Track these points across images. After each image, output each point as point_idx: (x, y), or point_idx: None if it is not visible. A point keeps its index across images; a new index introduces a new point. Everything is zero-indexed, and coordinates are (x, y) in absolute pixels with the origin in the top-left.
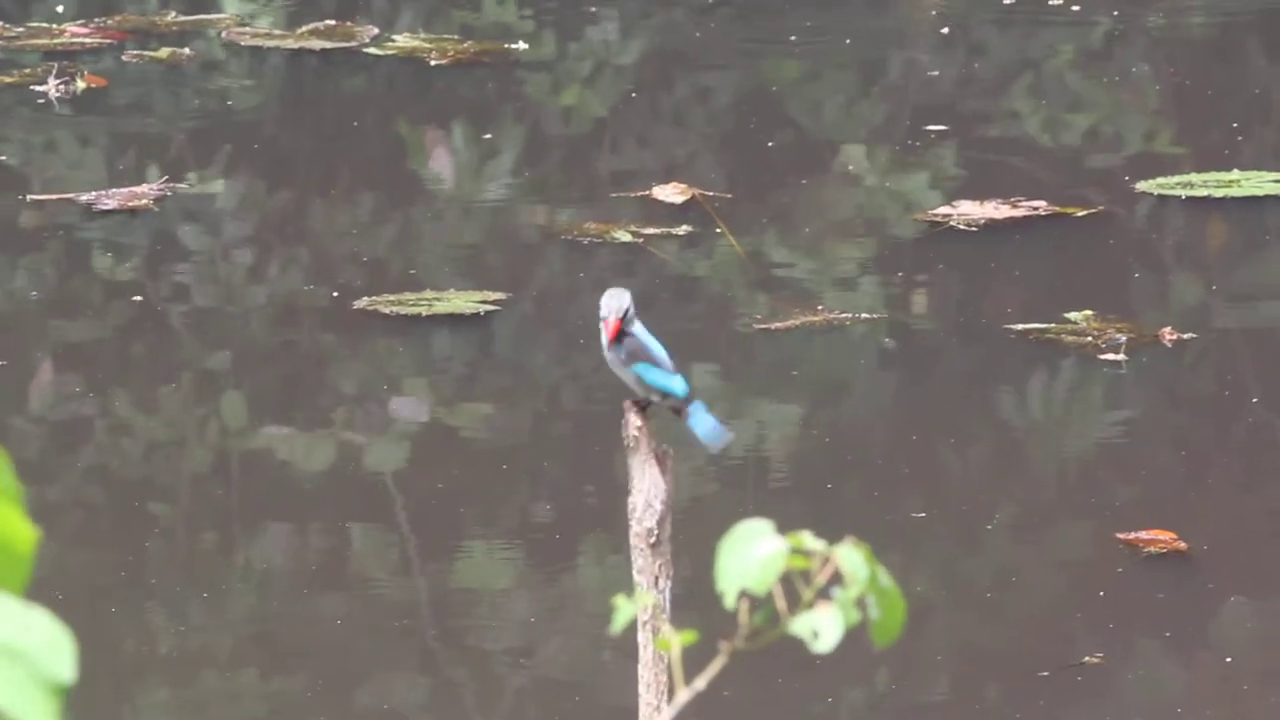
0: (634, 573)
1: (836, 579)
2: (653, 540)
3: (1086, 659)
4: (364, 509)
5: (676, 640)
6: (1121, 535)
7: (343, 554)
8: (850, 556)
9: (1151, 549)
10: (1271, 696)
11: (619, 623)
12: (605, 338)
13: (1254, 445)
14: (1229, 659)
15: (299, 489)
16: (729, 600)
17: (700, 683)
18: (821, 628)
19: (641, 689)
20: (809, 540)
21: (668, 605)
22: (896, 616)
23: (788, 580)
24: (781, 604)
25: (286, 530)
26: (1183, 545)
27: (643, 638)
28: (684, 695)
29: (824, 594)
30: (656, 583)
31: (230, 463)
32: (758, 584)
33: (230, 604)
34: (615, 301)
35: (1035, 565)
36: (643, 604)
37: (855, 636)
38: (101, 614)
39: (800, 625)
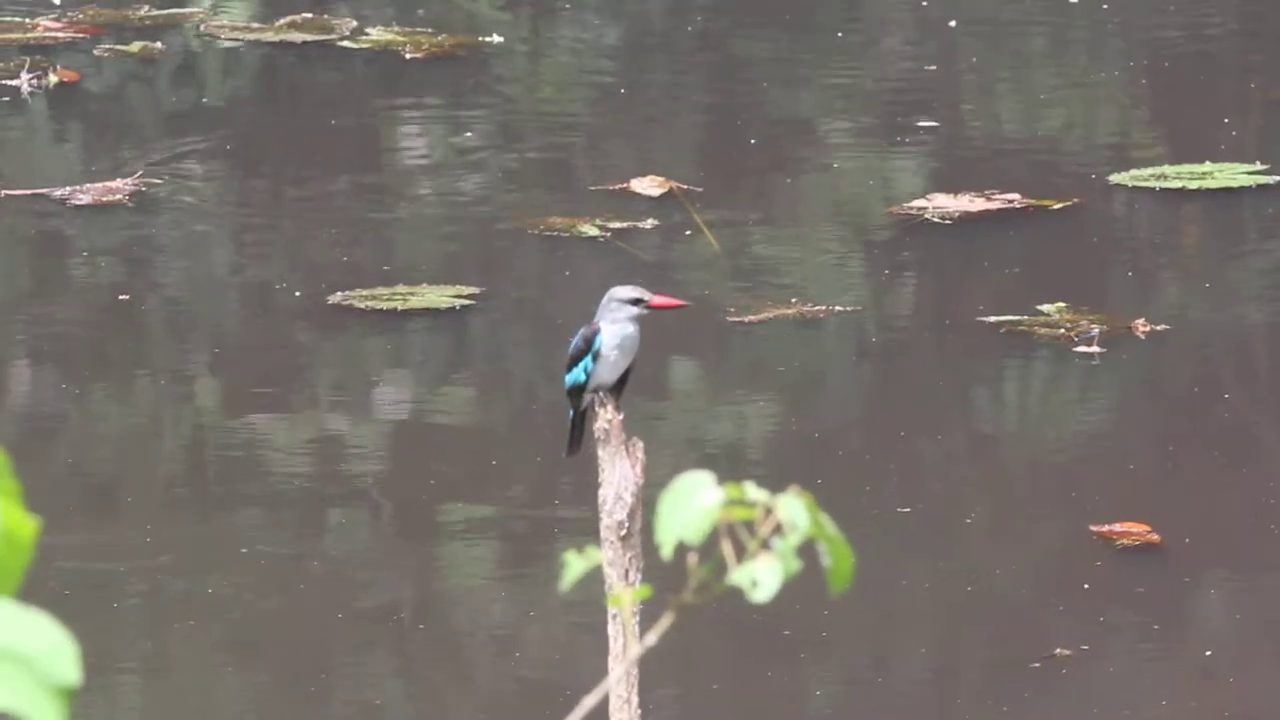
0: (604, 565)
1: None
2: (623, 533)
3: (1058, 651)
4: (343, 502)
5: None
6: (1095, 528)
7: (321, 545)
8: (790, 505)
9: (1125, 541)
10: (1251, 688)
11: (568, 579)
12: (657, 305)
13: (1226, 436)
14: (1208, 651)
15: (278, 483)
16: (665, 551)
17: (651, 638)
18: (761, 577)
19: (612, 681)
20: (751, 491)
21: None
22: (846, 563)
23: (740, 534)
24: (731, 557)
25: (265, 521)
26: (1156, 538)
27: (613, 630)
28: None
29: (769, 545)
30: (627, 575)
31: (207, 457)
32: (694, 534)
33: (209, 595)
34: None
35: (1012, 559)
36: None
37: (838, 630)
38: (84, 605)
39: (740, 575)
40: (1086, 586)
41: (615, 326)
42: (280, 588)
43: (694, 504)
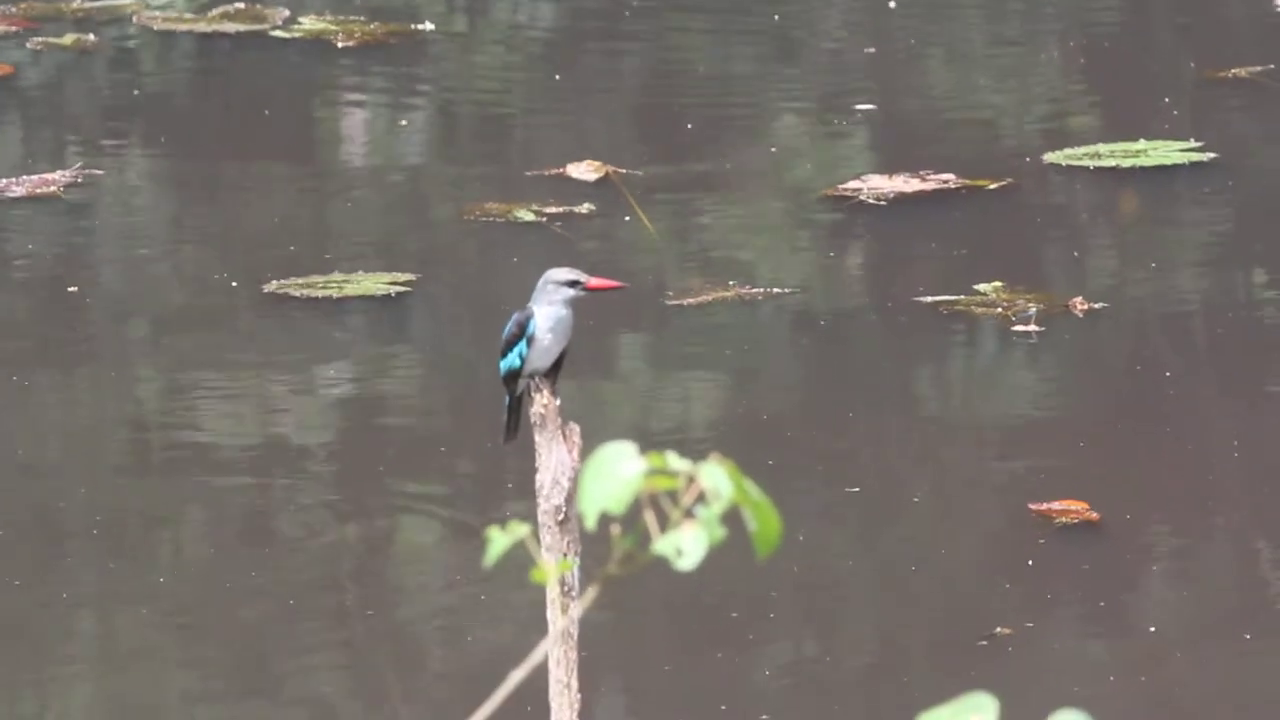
0: (542, 550)
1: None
2: (560, 517)
3: (998, 630)
4: (287, 490)
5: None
6: (1034, 506)
7: (263, 530)
8: (712, 473)
9: (1064, 520)
10: (1197, 663)
11: (492, 555)
12: (594, 288)
13: (1163, 414)
14: (1152, 628)
15: (219, 467)
16: (589, 522)
17: (576, 611)
18: (685, 546)
19: (551, 665)
20: (673, 460)
21: (577, 581)
22: (771, 527)
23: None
24: (654, 527)
25: (207, 506)
26: (1094, 516)
27: (551, 614)
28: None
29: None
30: (565, 559)
31: (149, 448)
32: (616, 504)
33: (158, 582)
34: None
35: (955, 538)
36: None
37: (786, 611)
38: (18, 581)
39: (665, 545)
40: (1031, 563)
41: (549, 309)
42: (226, 574)
43: (617, 474)
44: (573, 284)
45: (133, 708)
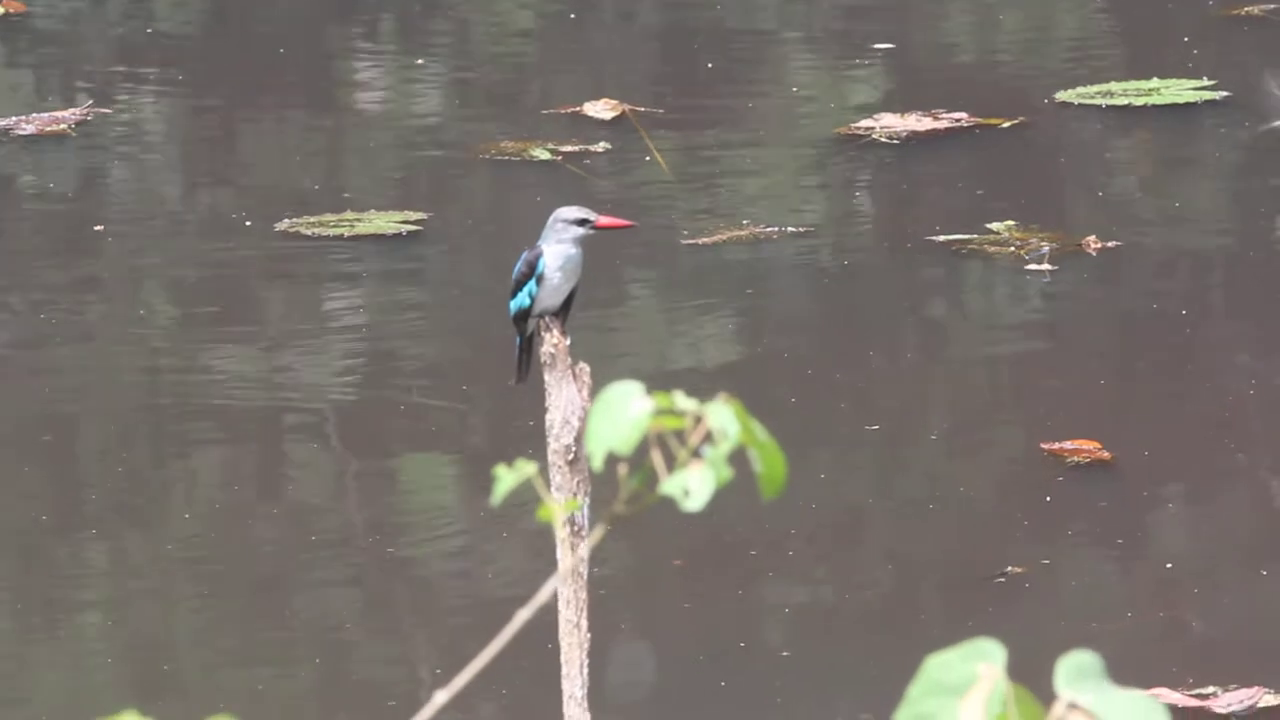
0: (551, 489)
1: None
2: (570, 457)
3: (1010, 569)
4: (294, 425)
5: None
6: (1046, 446)
7: (275, 471)
8: (719, 413)
9: (1076, 459)
10: (1214, 599)
11: (498, 493)
12: (603, 226)
13: (1179, 352)
14: (1169, 565)
15: (231, 408)
16: (596, 462)
17: (584, 550)
18: (692, 486)
19: (560, 604)
20: (680, 400)
21: (586, 520)
22: (778, 468)
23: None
24: (661, 466)
25: (219, 448)
26: (1107, 455)
27: (560, 554)
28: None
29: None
30: (575, 499)
31: (161, 384)
32: (623, 444)
33: (164, 521)
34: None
35: (971, 476)
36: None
37: (805, 548)
38: (33, 533)
39: (672, 485)
40: (1048, 499)
41: (558, 248)
42: (242, 509)
43: (624, 414)
44: (582, 222)
45: (148, 635)
